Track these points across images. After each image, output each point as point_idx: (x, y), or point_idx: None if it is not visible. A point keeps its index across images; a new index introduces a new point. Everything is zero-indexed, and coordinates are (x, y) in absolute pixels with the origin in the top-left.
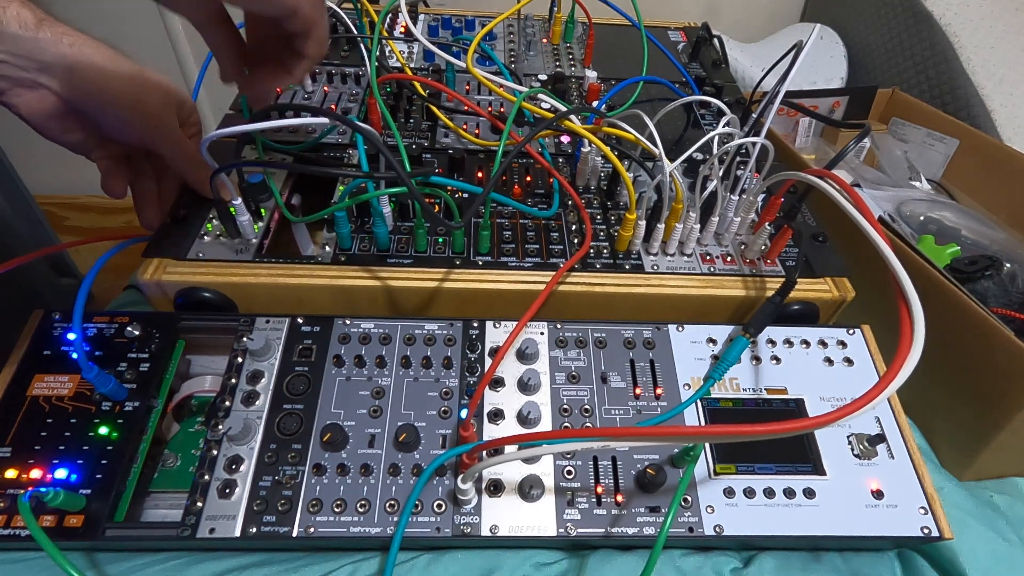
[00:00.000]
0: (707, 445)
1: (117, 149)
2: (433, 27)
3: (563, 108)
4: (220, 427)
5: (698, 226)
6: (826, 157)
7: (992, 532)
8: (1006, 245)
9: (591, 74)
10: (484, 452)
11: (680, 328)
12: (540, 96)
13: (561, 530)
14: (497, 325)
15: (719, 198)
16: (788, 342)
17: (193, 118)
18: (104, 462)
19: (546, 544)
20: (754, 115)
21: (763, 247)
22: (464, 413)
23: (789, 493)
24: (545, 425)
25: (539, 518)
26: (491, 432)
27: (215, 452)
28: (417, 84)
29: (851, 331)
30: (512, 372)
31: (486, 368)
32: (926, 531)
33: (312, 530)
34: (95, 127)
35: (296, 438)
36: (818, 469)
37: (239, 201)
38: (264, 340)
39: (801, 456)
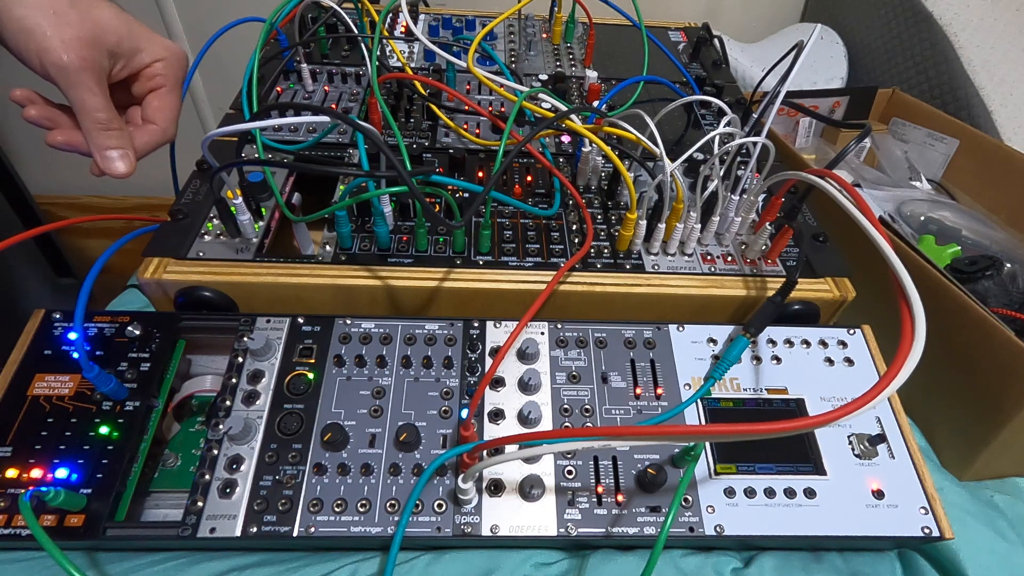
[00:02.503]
0: (708, 445)
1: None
2: (434, 27)
3: (564, 108)
4: (221, 427)
5: (699, 226)
6: (826, 157)
7: (992, 532)
8: (1006, 245)
9: (592, 74)
10: (485, 452)
11: (681, 328)
12: (541, 96)
13: (561, 530)
14: (498, 325)
15: (720, 198)
16: (789, 342)
17: (152, 70)
18: (105, 462)
19: (546, 544)
20: (755, 115)
21: (764, 247)
22: (465, 413)
23: (790, 493)
24: (546, 425)
25: (540, 518)
26: (492, 432)
27: (216, 452)
28: (418, 83)
29: (852, 331)
30: (513, 372)
31: (487, 368)
32: (927, 531)
33: (313, 530)
34: None
35: (297, 438)
36: (819, 469)
37: (239, 200)
38: (265, 340)
39: (802, 456)
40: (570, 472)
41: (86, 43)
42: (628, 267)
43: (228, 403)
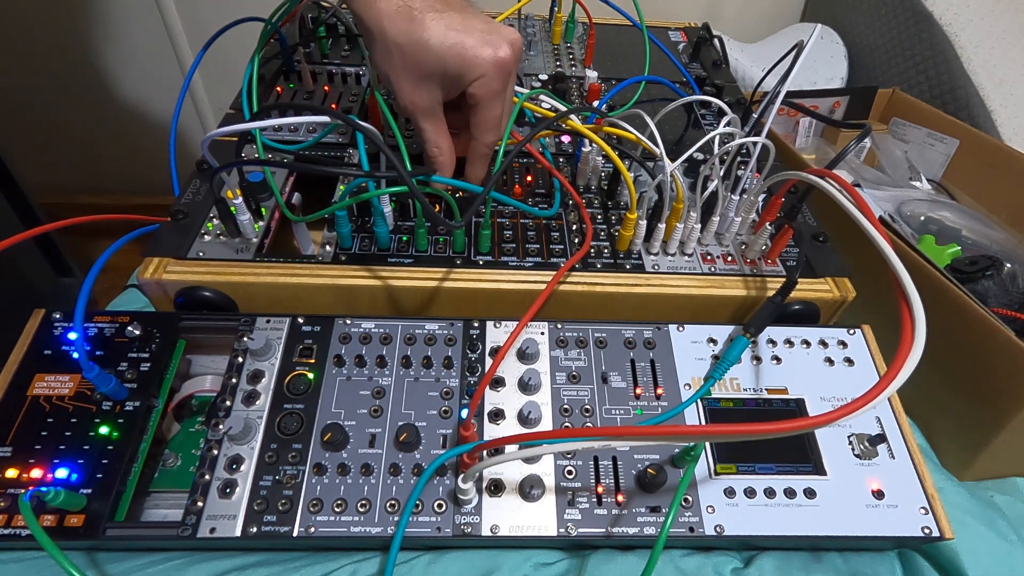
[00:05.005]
0: (708, 445)
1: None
2: None
3: (564, 108)
4: (220, 427)
5: (699, 226)
6: (826, 157)
7: (992, 532)
8: (1006, 245)
9: (592, 74)
10: (485, 452)
11: (681, 328)
12: (541, 96)
13: (562, 530)
14: (497, 325)
15: (720, 198)
16: (789, 342)
17: (481, 92)
18: (105, 462)
19: (547, 544)
20: (755, 115)
21: (764, 247)
22: (465, 413)
23: (790, 493)
24: (546, 425)
25: (540, 518)
26: (492, 432)
27: (215, 452)
28: None
29: (852, 331)
30: (513, 372)
31: (487, 368)
32: (927, 531)
33: (313, 530)
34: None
35: (297, 438)
36: (819, 469)
37: (239, 200)
38: (264, 340)
39: (802, 456)
40: (570, 472)
41: (418, 83)
42: (628, 267)
43: (228, 403)
